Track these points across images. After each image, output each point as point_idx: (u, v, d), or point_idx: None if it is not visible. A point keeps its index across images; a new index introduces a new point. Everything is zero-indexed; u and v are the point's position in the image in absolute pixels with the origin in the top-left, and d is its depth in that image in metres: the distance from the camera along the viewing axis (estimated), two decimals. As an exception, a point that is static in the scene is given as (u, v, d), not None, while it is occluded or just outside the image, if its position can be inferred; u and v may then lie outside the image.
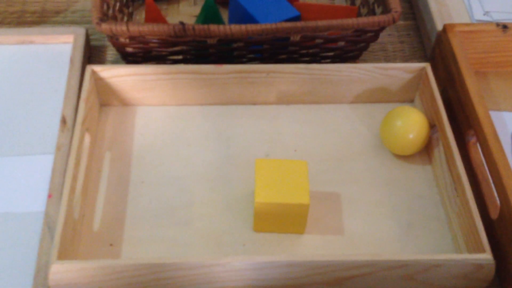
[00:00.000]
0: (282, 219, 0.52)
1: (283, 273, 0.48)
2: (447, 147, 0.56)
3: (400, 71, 0.62)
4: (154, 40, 0.61)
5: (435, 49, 0.70)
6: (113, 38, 0.61)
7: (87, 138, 0.57)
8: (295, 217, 0.52)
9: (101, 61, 0.69)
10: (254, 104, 0.64)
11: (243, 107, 0.64)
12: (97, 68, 0.60)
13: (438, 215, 0.56)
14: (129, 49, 0.62)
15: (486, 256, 0.48)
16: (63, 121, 0.59)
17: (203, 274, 0.47)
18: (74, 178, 0.52)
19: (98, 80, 0.61)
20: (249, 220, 0.55)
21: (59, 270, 0.46)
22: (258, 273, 0.48)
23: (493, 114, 0.63)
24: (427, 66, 0.62)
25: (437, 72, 0.65)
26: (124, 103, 0.63)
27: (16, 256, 0.51)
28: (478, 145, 0.58)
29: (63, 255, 0.47)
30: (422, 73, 0.62)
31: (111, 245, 0.53)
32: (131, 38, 0.60)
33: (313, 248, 0.53)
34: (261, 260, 0.47)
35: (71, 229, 0.51)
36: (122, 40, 0.61)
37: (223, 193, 0.57)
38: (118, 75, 0.61)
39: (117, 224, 0.54)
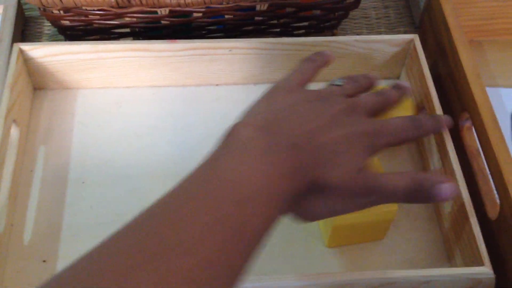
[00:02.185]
0: (363, 231, 0.45)
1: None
2: (438, 135, 0.49)
3: (385, 44, 0.53)
4: (95, 12, 0.51)
5: (424, 16, 0.61)
6: (46, 11, 0.51)
7: (15, 132, 0.48)
8: (378, 225, 0.45)
9: (37, 35, 0.59)
10: (217, 85, 0.56)
11: (203, 88, 0.55)
12: (26, 47, 0.51)
13: (428, 215, 0.48)
14: (66, 23, 0.53)
15: (484, 270, 0.41)
16: (-14, 111, 0.49)
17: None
18: (-3, 183, 0.44)
19: (28, 61, 0.52)
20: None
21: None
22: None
23: (490, 91, 0.55)
24: (415, 38, 0.53)
25: (426, 43, 0.57)
26: (62, 86, 0.54)
27: None
28: (473, 130, 0.50)
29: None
30: (409, 46, 0.54)
31: (44, 261, 0.44)
32: (66, 10, 0.51)
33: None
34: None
35: (-6, 245, 0.43)
36: (56, 12, 0.51)
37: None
38: (53, 54, 0.51)
39: (51, 235, 0.46)
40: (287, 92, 0.41)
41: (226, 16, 0.55)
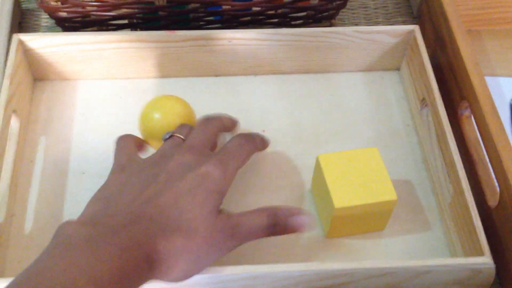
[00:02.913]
0: (362, 220, 0.45)
1: (245, 286, 0.40)
2: (438, 126, 0.49)
3: (385, 35, 0.53)
4: (92, 3, 0.51)
5: (422, 6, 0.61)
6: (43, 2, 0.51)
7: (15, 122, 0.48)
8: (378, 216, 0.45)
9: (34, 27, 0.59)
10: (216, 76, 0.56)
11: (202, 79, 0.55)
12: (26, 37, 0.50)
13: (429, 205, 0.48)
14: (63, 14, 0.52)
15: (485, 260, 0.41)
16: (-14, 103, 0.49)
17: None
18: (-3, 173, 0.44)
19: (28, 51, 0.51)
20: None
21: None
22: (216, 287, 0.40)
23: (489, 80, 0.55)
24: (415, 29, 0.53)
25: (425, 33, 0.57)
26: (62, 77, 0.54)
27: None
28: (472, 118, 0.50)
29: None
30: (409, 37, 0.54)
31: (45, 252, 0.44)
32: (63, 1, 0.50)
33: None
34: (214, 272, 0.39)
35: (-5, 236, 0.43)
36: (53, 4, 0.51)
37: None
38: (52, 45, 0.51)
39: (52, 225, 0.45)
40: (119, 172, 0.41)
41: (224, 7, 0.55)
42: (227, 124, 0.47)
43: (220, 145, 0.47)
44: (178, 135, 0.44)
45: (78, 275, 0.31)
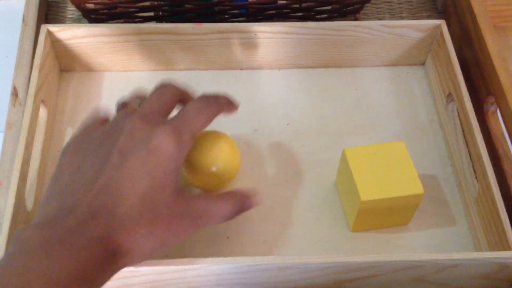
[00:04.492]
0: (388, 214, 0.45)
1: (273, 276, 0.40)
2: (464, 120, 0.48)
3: (411, 30, 0.53)
4: (120, -6, 0.51)
5: (447, 1, 0.61)
6: (71, -8, 0.51)
7: (43, 113, 0.49)
8: (404, 209, 0.45)
9: (60, 19, 0.59)
10: (241, 69, 0.56)
11: (227, 72, 0.55)
12: (54, 28, 0.51)
13: (454, 200, 0.48)
14: (90, 6, 0.53)
15: (511, 254, 0.40)
16: (15, 93, 0.50)
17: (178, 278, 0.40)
18: (26, 162, 0.44)
19: (55, 43, 0.52)
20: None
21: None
22: (242, 277, 0.40)
23: (514, 77, 0.55)
24: (442, 23, 0.53)
25: (450, 28, 0.57)
26: (88, 68, 0.54)
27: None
28: (498, 114, 0.50)
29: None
30: (436, 32, 0.53)
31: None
32: (92, -8, 0.51)
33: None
34: (243, 262, 0.39)
35: (23, 223, 0.43)
36: (81, -6, 0.51)
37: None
38: (79, 36, 0.52)
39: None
40: (72, 153, 0.39)
41: (250, 0, 0.55)
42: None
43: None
44: (131, 104, 0.41)
45: (34, 279, 0.31)
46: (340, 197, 0.48)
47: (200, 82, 0.54)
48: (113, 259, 0.34)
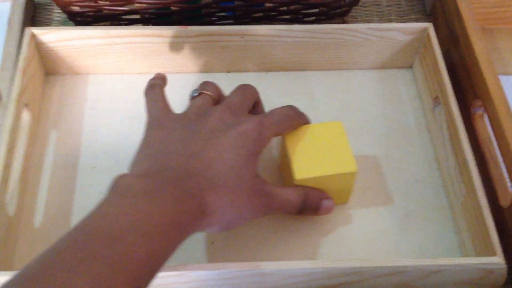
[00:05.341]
0: (327, 192, 0.45)
1: (253, 283, 0.40)
2: (451, 123, 0.48)
3: (398, 33, 0.53)
4: (105, -4, 0.51)
5: (436, 4, 0.61)
6: (56, -5, 0.51)
7: (27, 116, 0.48)
8: (339, 188, 0.45)
9: (46, 21, 0.59)
10: (228, 71, 0.55)
11: (215, 75, 0.55)
12: (38, 31, 0.50)
13: (440, 204, 0.48)
14: (76, 8, 0.53)
15: (497, 260, 0.40)
16: (-2, 96, 0.49)
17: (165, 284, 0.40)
18: (7, 166, 0.44)
19: (40, 45, 0.51)
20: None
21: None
22: (226, 283, 0.40)
23: (502, 79, 0.55)
24: (429, 26, 0.53)
25: (438, 31, 0.56)
26: (73, 71, 0.54)
27: None
28: (485, 117, 0.50)
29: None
30: (423, 34, 0.53)
31: (55, 245, 0.44)
32: (76, -6, 0.50)
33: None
34: (223, 268, 0.39)
35: (5, 228, 0.43)
36: (66, -3, 0.51)
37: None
38: (64, 39, 0.51)
39: (62, 220, 0.46)
40: (157, 128, 0.42)
41: (236, 2, 0.54)
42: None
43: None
44: (207, 92, 0.44)
45: (141, 219, 0.33)
46: (282, 179, 0.48)
47: (186, 85, 0.54)
48: (202, 215, 0.36)
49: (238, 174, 0.38)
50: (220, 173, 0.38)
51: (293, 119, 0.44)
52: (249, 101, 0.45)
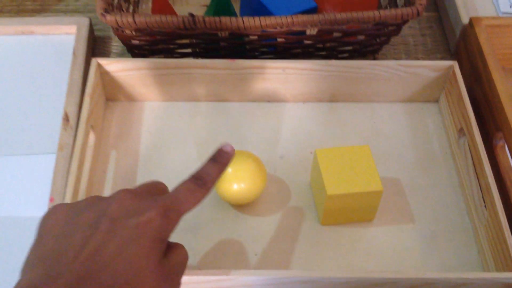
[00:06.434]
0: (352, 209, 0.50)
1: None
2: (475, 153, 0.53)
3: (426, 69, 0.58)
4: (162, 33, 0.57)
5: (459, 44, 0.66)
6: (118, 30, 0.57)
7: (92, 137, 0.54)
8: (366, 206, 0.50)
9: (105, 53, 0.65)
10: (269, 101, 0.61)
11: (257, 104, 0.61)
12: (103, 61, 0.56)
13: (464, 226, 0.52)
14: (135, 42, 0.59)
15: (517, 275, 0.44)
16: (66, 118, 0.55)
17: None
18: (78, 180, 0.49)
19: (103, 74, 0.57)
20: (264, 224, 0.52)
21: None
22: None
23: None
24: (454, 64, 0.58)
25: (462, 68, 0.62)
26: (131, 98, 0.60)
27: (15, 264, 0.48)
28: (506, 148, 0.55)
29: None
30: (449, 71, 0.58)
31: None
32: (137, 30, 0.56)
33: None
34: (265, 275, 0.44)
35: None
36: (128, 32, 0.57)
37: (235, 198, 0.53)
38: (125, 69, 0.57)
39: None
40: (53, 220, 0.37)
41: (279, 39, 0.60)
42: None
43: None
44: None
45: None
46: (313, 195, 0.53)
47: (231, 112, 0.59)
48: None
49: (139, 267, 0.35)
50: (120, 271, 0.34)
51: (198, 193, 0.40)
52: (157, 191, 0.41)
